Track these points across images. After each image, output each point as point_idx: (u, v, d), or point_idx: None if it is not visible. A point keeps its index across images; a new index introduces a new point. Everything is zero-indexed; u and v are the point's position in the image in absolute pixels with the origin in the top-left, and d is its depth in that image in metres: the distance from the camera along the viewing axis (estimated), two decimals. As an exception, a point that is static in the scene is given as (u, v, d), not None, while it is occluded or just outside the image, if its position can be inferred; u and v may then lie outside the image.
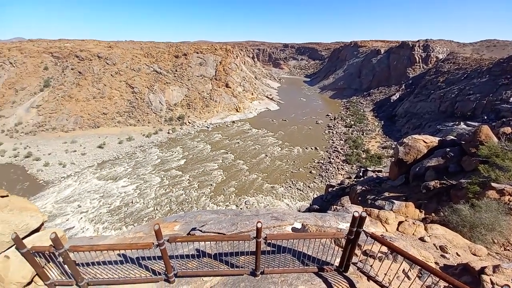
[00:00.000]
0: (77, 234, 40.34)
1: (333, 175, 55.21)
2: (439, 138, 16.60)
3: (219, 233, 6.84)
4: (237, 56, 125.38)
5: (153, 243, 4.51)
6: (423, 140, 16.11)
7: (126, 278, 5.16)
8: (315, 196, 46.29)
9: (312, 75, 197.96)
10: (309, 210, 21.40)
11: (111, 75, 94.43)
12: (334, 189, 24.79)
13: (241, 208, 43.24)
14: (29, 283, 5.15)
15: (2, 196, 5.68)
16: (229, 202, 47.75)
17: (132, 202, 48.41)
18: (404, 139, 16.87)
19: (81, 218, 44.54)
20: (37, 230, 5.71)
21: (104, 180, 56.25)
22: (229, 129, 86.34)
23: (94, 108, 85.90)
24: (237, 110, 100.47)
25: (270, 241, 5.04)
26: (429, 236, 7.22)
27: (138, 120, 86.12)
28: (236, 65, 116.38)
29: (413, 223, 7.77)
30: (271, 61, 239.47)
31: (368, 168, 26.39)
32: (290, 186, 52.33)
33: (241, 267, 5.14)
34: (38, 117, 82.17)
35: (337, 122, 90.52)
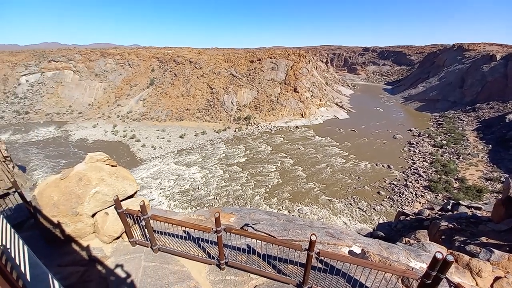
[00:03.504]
0: (155, 206, 48.88)
1: (409, 202, 46.62)
2: None
3: (270, 235, 6.89)
4: (309, 61, 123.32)
5: (212, 229, 4.97)
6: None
7: (186, 253, 5.88)
8: (381, 221, 40.41)
9: (395, 82, 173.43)
10: (371, 235, 18.82)
11: (197, 77, 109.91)
12: (407, 218, 20.91)
13: (293, 215, 42.23)
14: (117, 238, 6.59)
15: (112, 166, 7.45)
16: (282, 207, 47.42)
17: (198, 188, 54.89)
18: (526, 173, 12.53)
19: (160, 193, 53.71)
20: (131, 196, 7.23)
21: (180, 165, 66.03)
22: (291, 133, 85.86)
23: (181, 104, 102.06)
24: (302, 115, 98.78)
25: (322, 257, 4.70)
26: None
27: (212, 117, 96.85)
28: (307, 70, 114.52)
29: (519, 283, 5.72)
30: (346, 66, 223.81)
31: (460, 201, 21.00)
32: (350, 204, 47.44)
33: (288, 276, 5.01)
34: (143, 108, 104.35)
35: (423, 140, 75.88)
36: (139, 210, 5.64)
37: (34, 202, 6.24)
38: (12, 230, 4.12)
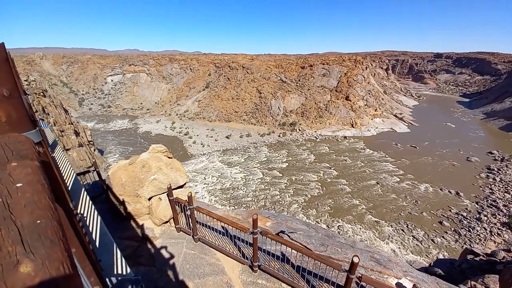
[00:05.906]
0: (198, 199, 52.55)
1: (480, 239, 38.20)
2: None
3: (306, 247, 6.62)
4: (366, 68, 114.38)
5: (248, 229, 5.07)
6: None
7: (222, 248, 6.14)
8: (441, 256, 34.33)
9: (474, 94, 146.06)
10: (426, 270, 16.09)
11: (248, 81, 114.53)
12: (476, 258, 17.13)
13: (332, 231, 39.44)
14: (165, 222, 7.33)
15: (169, 157, 8.35)
16: (320, 220, 44.87)
17: (237, 188, 56.76)
18: None
19: (204, 187, 57.61)
20: (181, 187, 7.97)
21: (224, 164, 69.62)
22: (338, 143, 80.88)
23: (230, 106, 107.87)
24: (352, 125, 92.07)
25: (364, 284, 4.27)
26: None
27: (258, 120, 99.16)
28: (364, 77, 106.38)
29: None
30: (411, 73, 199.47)
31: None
32: (402, 230, 41.59)
33: (322, 294, 4.71)
34: (197, 108, 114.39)
35: (506, 166, 61.44)
36: (186, 200, 6.18)
37: (107, 180, 7.52)
38: (90, 201, 5.02)
